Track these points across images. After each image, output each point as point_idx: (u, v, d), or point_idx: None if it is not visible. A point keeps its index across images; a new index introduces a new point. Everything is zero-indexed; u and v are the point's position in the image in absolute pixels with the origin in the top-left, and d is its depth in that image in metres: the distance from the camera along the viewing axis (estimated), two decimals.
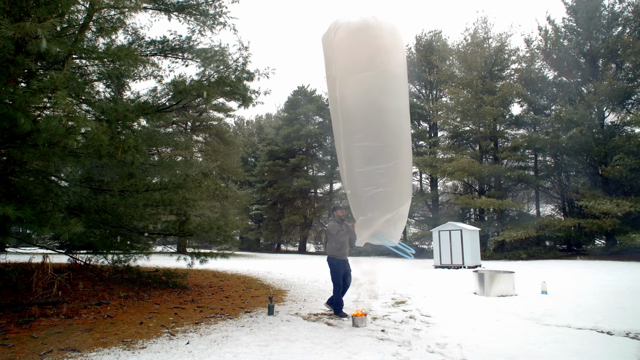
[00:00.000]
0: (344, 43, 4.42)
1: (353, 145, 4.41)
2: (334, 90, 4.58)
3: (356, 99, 4.36)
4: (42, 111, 4.59)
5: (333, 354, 3.72)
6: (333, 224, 5.54)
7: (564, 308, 6.13)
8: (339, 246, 5.46)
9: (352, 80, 4.38)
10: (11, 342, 3.86)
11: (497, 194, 22.28)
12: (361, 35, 4.36)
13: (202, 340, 4.17)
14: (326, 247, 5.55)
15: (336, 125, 4.71)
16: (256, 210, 35.61)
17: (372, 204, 4.39)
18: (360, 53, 4.34)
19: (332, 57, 4.56)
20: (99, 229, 6.82)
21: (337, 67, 4.50)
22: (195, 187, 7.43)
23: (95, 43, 7.39)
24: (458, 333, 4.62)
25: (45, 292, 5.80)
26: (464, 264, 14.29)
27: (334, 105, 4.65)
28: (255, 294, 7.67)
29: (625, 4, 20.64)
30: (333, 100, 4.71)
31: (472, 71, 23.70)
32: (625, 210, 16.68)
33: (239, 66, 7.63)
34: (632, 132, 20.00)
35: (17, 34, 3.73)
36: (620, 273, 11.38)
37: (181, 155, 19.81)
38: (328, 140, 34.44)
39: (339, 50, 4.47)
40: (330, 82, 4.73)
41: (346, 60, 4.43)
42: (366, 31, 4.35)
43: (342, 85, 4.44)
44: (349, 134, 4.45)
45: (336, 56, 4.49)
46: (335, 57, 4.51)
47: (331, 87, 4.69)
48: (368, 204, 4.42)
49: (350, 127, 4.42)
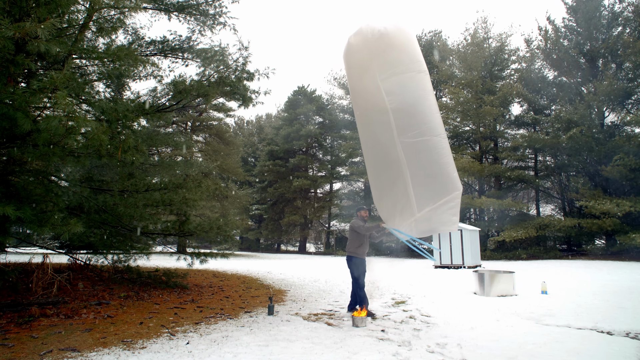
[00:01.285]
0: (385, 44, 4.48)
1: (410, 141, 4.46)
2: (375, 90, 4.52)
3: (409, 96, 4.42)
4: (42, 111, 4.59)
5: (333, 354, 3.72)
6: (356, 221, 5.64)
7: (564, 308, 6.13)
8: (358, 244, 5.54)
9: (402, 79, 4.44)
10: (11, 342, 3.86)
11: (497, 194, 22.27)
12: (403, 37, 4.52)
13: (202, 340, 4.17)
14: (347, 247, 5.64)
15: (382, 124, 4.57)
16: (256, 210, 35.62)
17: (435, 194, 4.53)
18: (405, 54, 4.49)
19: (371, 59, 4.52)
20: (99, 229, 6.82)
21: (382, 67, 4.50)
22: (195, 187, 7.44)
23: (95, 43, 7.39)
24: (458, 333, 4.62)
25: (45, 292, 5.80)
26: (464, 264, 14.29)
27: (379, 103, 4.54)
28: (255, 294, 7.67)
29: (625, 4, 20.64)
30: (372, 98, 4.60)
31: (472, 71, 23.70)
32: (625, 210, 16.67)
33: (239, 66, 7.64)
34: (632, 132, 19.99)
35: (17, 34, 3.73)
36: (620, 273, 11.37)
37: (181, 155, 19.79)
38: (328, 140, 34.46)
39: (382, 51, 4.49)
40: (367, 81, 4.63)
41: (393, 60, 4.48)
42: (406, 33, 4.52)
43: (389, 84, 4.46)
44: (402, 130, 4.47)
45: (381, 56, 4.51)
46: (379, 57, 4.51)
47: (369, 86, 4.62)
48: (450, 183, 4.53)
49: (405, 123, 4.46)
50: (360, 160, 31.70)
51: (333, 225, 34.14)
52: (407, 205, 4.67)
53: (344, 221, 31.86)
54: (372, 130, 4.83)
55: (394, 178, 4.69)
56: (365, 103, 4.82)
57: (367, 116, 4.90)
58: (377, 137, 4.76)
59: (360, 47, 4.59)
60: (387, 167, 4.74)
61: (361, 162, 31.57)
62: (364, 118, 4.98)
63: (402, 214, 4.79)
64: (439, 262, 14.84)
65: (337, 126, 32.63)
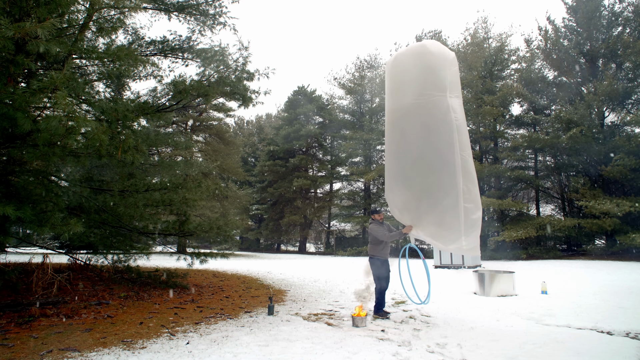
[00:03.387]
0: (455, 69, 5.15)
1: (465, 158, 4.92)
2: (441, 103, 4.86)
3: (462, 117, 5.06)
4: (42, 111, 4.59)
5: (333, 354, 3.72)
6: (374, 228, 5.60)
7: (564, 308, 6.13)
8: (381, 246, 5.54)
9: (458, 101, 5.09)
10: (11, 342, 3.86)
11: (497, 194, 22.26)
12: (457, 69, 5.28)
13: (202, 340, 4.17)
14: (369, 250, 5.63)
15: (441, 138, 4.86)
16: (256, 210, 35.61)
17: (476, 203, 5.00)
18: (459, 82, 5.26)
19: (445, 75, 4.96)
20: (99, 229, 6.82)
21: (452, 85, 5.00)
22: (195, 187, 7.44)
23: (95, 43, 7.39)
24: (458, 333, 4.62)
25: (45, 292, 5.80)
26: (464, 264, 14.29)
27: (444, 116, 4.84)
28: (255, 294, 7.67)
29: (625, 4, 20.62)
30: (436, 108, 4.89)
31: (472, 71, 23.69)
32: (625, 210, 16.65)
33: (239, 66, 7.64)
34: (632, 132, 19.97)
35: (17, 34, 3.73)
36: (620, 273, 11.37)
37: (181, 155, 19.79)
38: (328, 140, 34.44)
39: (453, 74, 5.08)
40: (436, 93, 4.92)
41: (456, 83, 5.13)
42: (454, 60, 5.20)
43: (453, 102, 4.94)
44: (462, 148, 4.92)
45: (452, 76, 5.04)
46: (451, 76, 5.01)
47: (437, 99, 4.90)
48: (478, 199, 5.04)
49: (462, 141, 4.94)
50: (360, 160, 31.69)
51: (333, 225, 34.13)
52: (454, 220, 4.82)
53: (343, 221, 31.84)
54: (427, 135, 4.98)
55: (446, 188, 4.83)
56: (421, 110, 5.01)
57: (421, 120, 5.03)
58: (437, 146, 4.93)
59: (439, 59, 5.00)
60: (440, 175, 4.89)
61: (361, 162, 31.57)
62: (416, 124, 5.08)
63: (450, 227, 4.92)
64: (439, 262, 14.84)
65: (337, 126, 32.62)
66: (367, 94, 31.55)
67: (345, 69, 47.83)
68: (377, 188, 30.77)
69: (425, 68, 4.98)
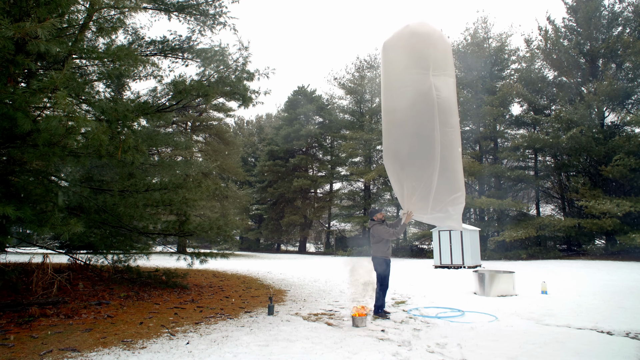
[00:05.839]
0: (442, 46, 5.19)
1: (447, 130, 5.09)
2: (425, 83, 4.96)
3: (450, 95, 5.16)
4: (42, 111, 4.59)
5: (333, 354, 3.72)
6: (378, 228, 5.61)
7: (564, 308, 6.13)
8: (386, 247, 5.57)
9: (447, 81, 5.16)
10: (11, 342, 3.86)
11: (497, 194, 22.26)
12: (449, 47, 5.40)
13: (202, 340, 4.17)
14: (373, 250, 5.62)
15: (422, 114, 5.00)
16: (256, 210, 35.61)
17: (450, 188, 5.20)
18: (450, 61, 5.33)
19: (428, 53, 5.01)
20: (99, 229, 6.82)
21: (436, 63, 5.04)
22: (195, 187, 7.44)
23: (95, 43, 7.39)
24: (458, 333, 4.62)
25: (45, 292, 5.80)
26: (464, 264, 14.29)
27: (426, 95, 4.96)
28: (255, 294, 7.67)
29: (625, 4, 20.64)
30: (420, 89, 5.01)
31: (472, 71, 23.69)
32: (625, 210, 16.65)
33: (239, 66, 7.64)
34: (632, 132, 19.98)
35: (17, 34, 3.73)
36: (620, 273, 11.37)
37: (181, 155, 19.80)
38: (328, 140, 34.44)
39: (441, 50, 5.14)
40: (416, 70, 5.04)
41: (445, 62, 5.16)
42: (449, 44, 5.34)
43: (438, 81, 5.01)
44: (442, 123, 5.06)
45: (437, 54, 5.07)
46: (435, 54, 5.05)
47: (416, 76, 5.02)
48: (461, 180, 5.28)
49: (445, 118, 5.06)
50: (360, 160, 31.68)
51: (333, 225, 34.13)
52: (427, 191, 5.09)
53: (343, 221, 31.82)
54: (412, 114, 5.13)
55: (425, 162, 5.05)
56: (407, 89, 5.15)
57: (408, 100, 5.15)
58: (420, 121, 5.10)
59: (424, 37, 5.05)
60: (422, 148, 5.09)
61: (361, 162, 31.57)
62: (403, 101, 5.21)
63: (421, 198, 5.18)
64: (439, 262, 14.84)
65: (337, 126, 32.62)
66: (367, 94, 31.55)
67: (345, 69, 47.84)
68: (377, 188, 30.77)
69: (409, 48, 5.11)
